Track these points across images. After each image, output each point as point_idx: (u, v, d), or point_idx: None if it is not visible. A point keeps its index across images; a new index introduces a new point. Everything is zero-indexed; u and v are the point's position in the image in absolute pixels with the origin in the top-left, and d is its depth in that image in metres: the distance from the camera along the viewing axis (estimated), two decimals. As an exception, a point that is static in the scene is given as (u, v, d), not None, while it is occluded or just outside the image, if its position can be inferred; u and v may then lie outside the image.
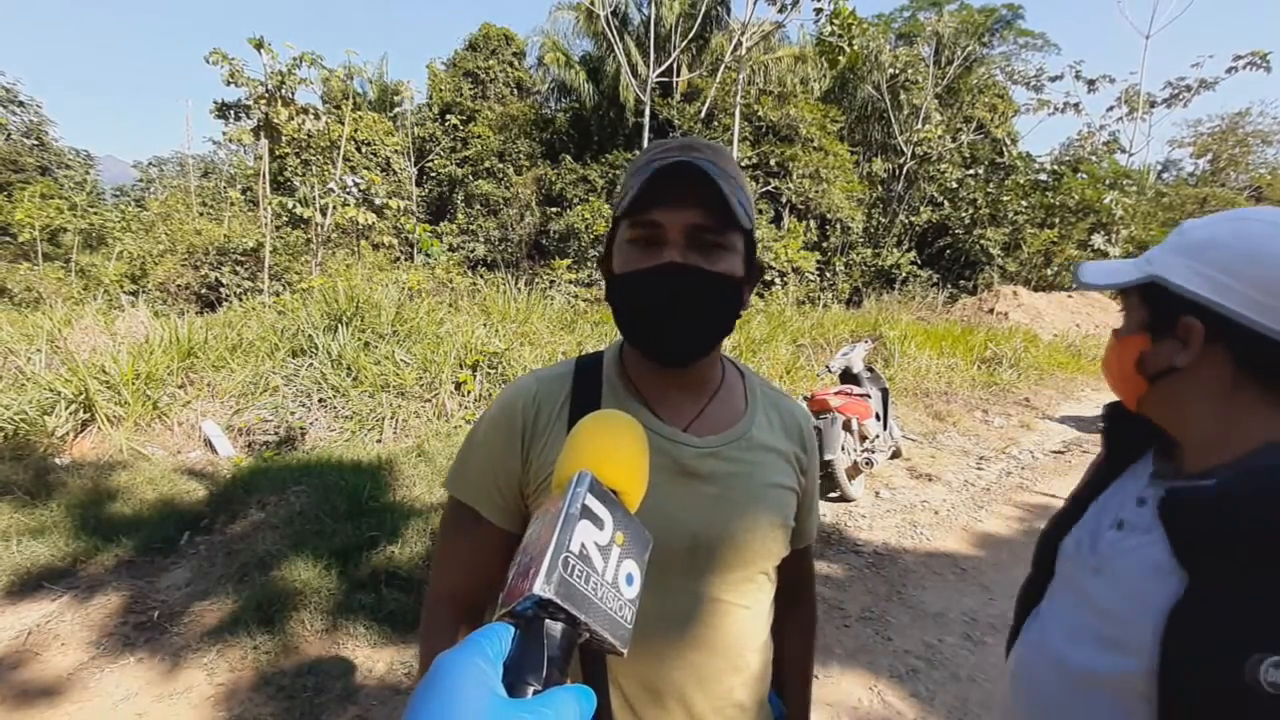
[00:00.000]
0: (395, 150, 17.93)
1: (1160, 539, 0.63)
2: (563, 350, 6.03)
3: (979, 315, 12.70)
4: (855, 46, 12.46)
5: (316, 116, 11.34)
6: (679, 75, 16.96)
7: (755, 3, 12.19)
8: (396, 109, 19.03)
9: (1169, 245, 0.70)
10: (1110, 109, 21.81)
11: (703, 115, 16.25)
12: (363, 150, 17.13)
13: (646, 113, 13.51)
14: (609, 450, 0.48)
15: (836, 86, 18.74)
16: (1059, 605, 0.75)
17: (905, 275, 16.40)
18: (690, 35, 15.14)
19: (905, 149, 18.19)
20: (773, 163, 15.94)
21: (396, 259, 15.09)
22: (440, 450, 4.19)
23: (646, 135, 13.50)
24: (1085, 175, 17.61)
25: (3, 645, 2.38)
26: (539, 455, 0.75)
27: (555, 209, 16.87)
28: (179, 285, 13.38)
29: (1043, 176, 17.89)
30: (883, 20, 21.44)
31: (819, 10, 11.28)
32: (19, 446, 3.81)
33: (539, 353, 5.79)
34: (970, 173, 17.75)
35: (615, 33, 13.62)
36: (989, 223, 16.93)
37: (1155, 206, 19.21)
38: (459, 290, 9.22)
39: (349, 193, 11.56)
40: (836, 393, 4.48)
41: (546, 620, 0.37)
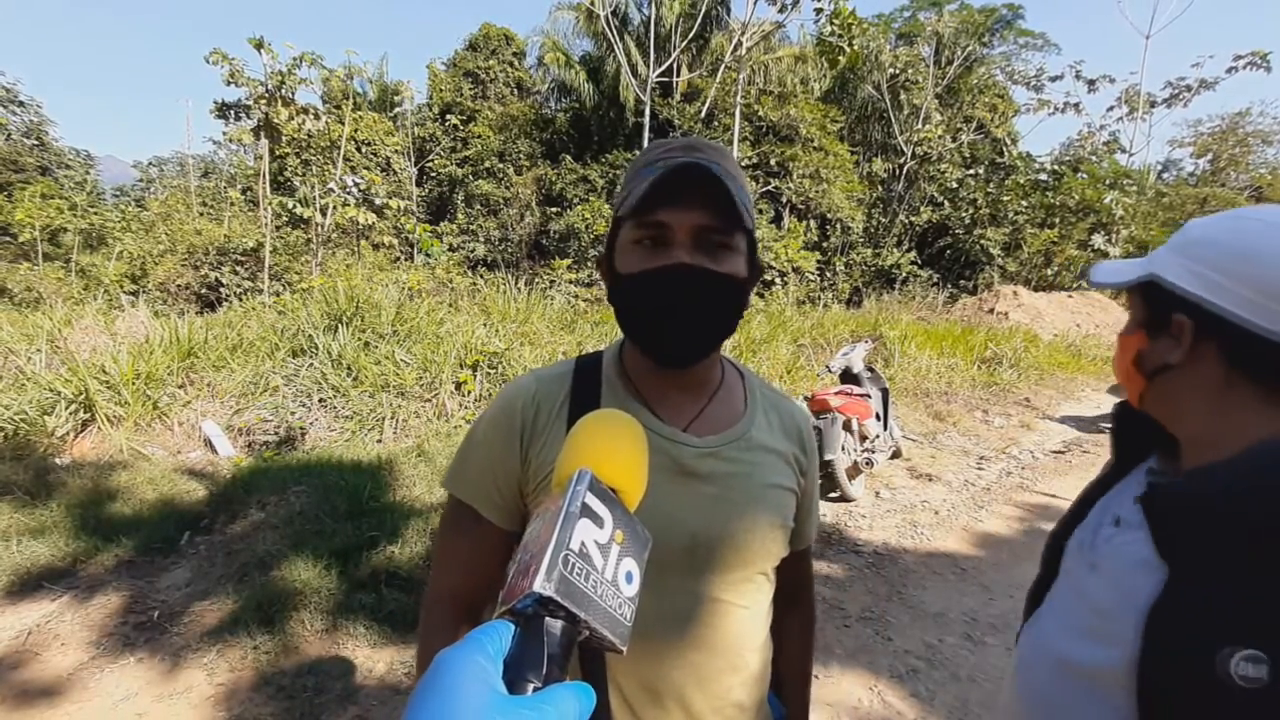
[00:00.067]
0: (395, 150, 17.93)
1: (1147, 534, 0.64)
2: (563, 350, 6.03)
3: (979, 315, 12.70)
4: (855, 46, 12.44)
5: (316, 116, 11.34)
6: (679, 75, 16.96)
7: (755, 3, 12.18)
8: (396, 109, 19.03)
9: (1170, 244, 0.70)
10: (1110, 109, 21.81)
11: (703, 115, 16.25)
12: (363, 150, 17.13)
13: (646, 113, 13.50)
14: (609, 449, 0.48)
15: (836, 86, 18.74)
16: (1059, 602, 0.76)
17: (905, 275, 16.40)
18: (690, 35, 15.13)
19: (905, 149, 18.18)
20: (773, 163, 15.94)
21: (396, 259, 15.10)
22: (440, 450, 4.19)
23: (646, 135, 13.49)
24: (1085, 175, 17.59)
25: (3, 645, 2.38)
26: (538, 454, 0.75)
27: (555, 209, 16.88)
28: (179, 285, 13.38)
29: (1043, 176, 17.88)
30: (883, 20, 21.45)
31: (819, 10, 11.28)
32: (19, 446, 3.82)
33: (539, 353, 5.79)
34: (970, 173, 17.74)
35: (615, 33, 13.62)
36: (989, 223, 16.93)
37: (1155, 206, 19.20)
38: (459, 290, 9.22)
39: (349, 193, 11.56)
40: (837, 393, 4.48)
41: (546, 618, 0.37)
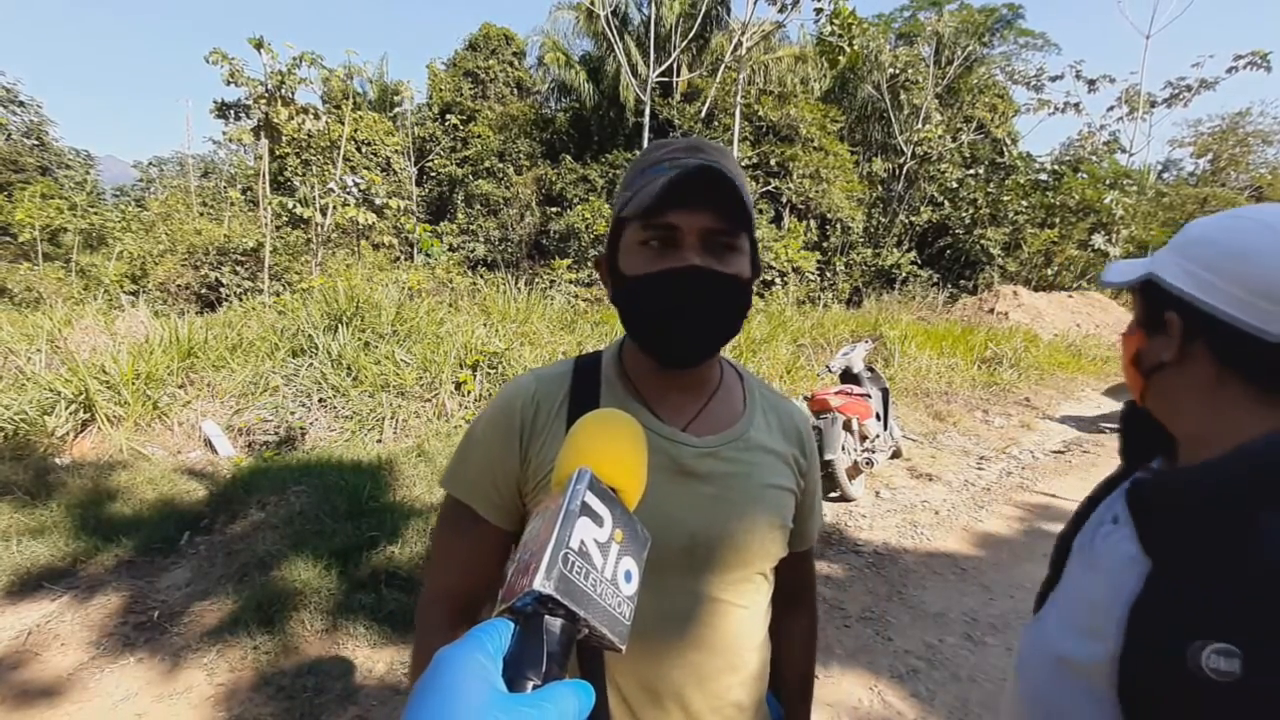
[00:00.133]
0: (395, 150, 17.93)
1: (1134, 530, 0.65)
2: (563, 350, 6.03)
3: (979, 315, 12.70)
4: (855, 46, 12.45)
5: (316, 116, 11.34)
6: (679, 75, 16.96)
7: (755, 2, 12.17)
8: (396, 109, 19.01)
9: (1170, 243, 0.71)
10: (1110, 109, 21.78)
11: (703, 115, 16.24)
12: (363, 150, 17.12)
13: (646, 113, 13.50)
14: (608, 449, 0.48)
15: (836, 86, 18.73)
16: (1059, 601, 0.76)
17: (905, 275, 16.38)
18: (690, 35, 15.13)
19: (905, 149, 18.17)
20: (773, 162, 15.93)
21: (396, 259, 15.09)
22: (440, 450, 4.19)
23: (646, 135, 13.49)
24: (1085, 175, 17.58)
25: (3, 645, 2.38)
26: (537, 454, 0.75)
27: (555, 209, 16.87)
28: (179, 285, 13.38)
29: (1043, 176, 17.87)
30: (883, 20, 21.44)
31: (819, 10, 11.28)
32: (19, 446, 3.82)
33: (539, 353, 5.79)
34: (970, 173, 17.72)
35: (615, 33, 13.62)
36: (989, 223, 16.91)
37: (1155, 206, 19.18)
38: (459, 290, 9.22)
39: (349, 193, 11.56)
40: (837, 392, 4.48)
41: (546, 616, 0.37)
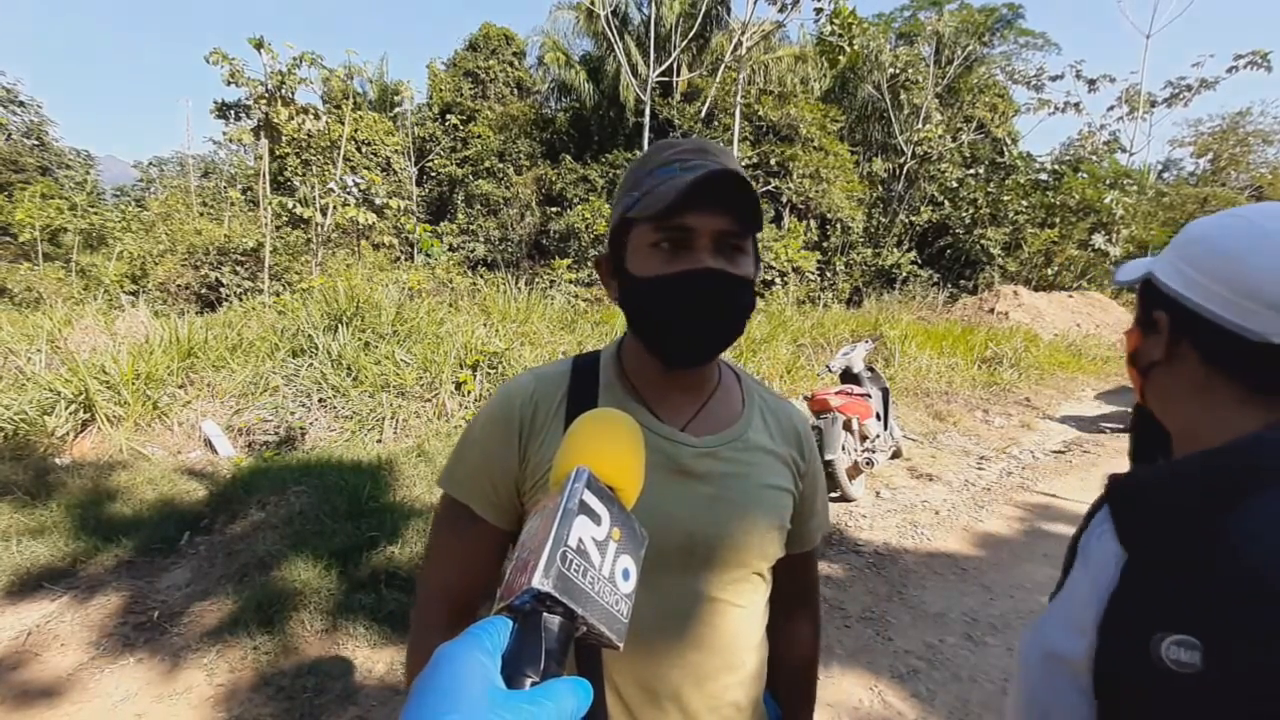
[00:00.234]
0: (395, 150, 17.93)
1: (1114, 525, 0.66)
2: (563, 350, 6.03)
3: (979, 315, 12.70)
4: (855, 46, 12.47)
5: (316, 116, 11.34)
6: (679, 75, 16.96)
7: (755, 2, 12.18)
8: (396, 109, 19.01)
9: (1171, 243, 0.71)
10: (1111, 108, 21.81)
11: (703, 115, 16.24)
12: (363, 150, 17.12)
13: (647, 112, 13.50)
14: (607, 448, 0.48)
15: (836, 86, 18.73)
16: (1058, 599, 0.76)
17: (905, 275, 16.38)
18: (690, 35, 15.13)
19: (905, 149, 18.17)
20: (773, 162, 15.93)
21: (397, 259, 15.09)
22: (440, 450, 4.19)
23: (647, 135, 13.49)
24: (1086, 175, 17.58)
25: (3, 645, 2.38)
26: (536, 453, 0.75)
27: (555, 209, 16.87)
28: (179, 285, 13.38)
29: (1043, 176, 17.88)
30: (883, 20, 21.46)
31: (819, 10, 11.29)
32: (19, 446, 3.82)
33: (539, 353, 5.79)
34: (970, 172, 17.72)
35: (615, 32, 13.62)
36: (989, 222, 16.91)
37: (1156, 206, 19.18)
38: (459, 290, 9.22)
39: (349, 193, 11.56)
40: (837, 392, 4.48)
41: (544, 614, 0.37)
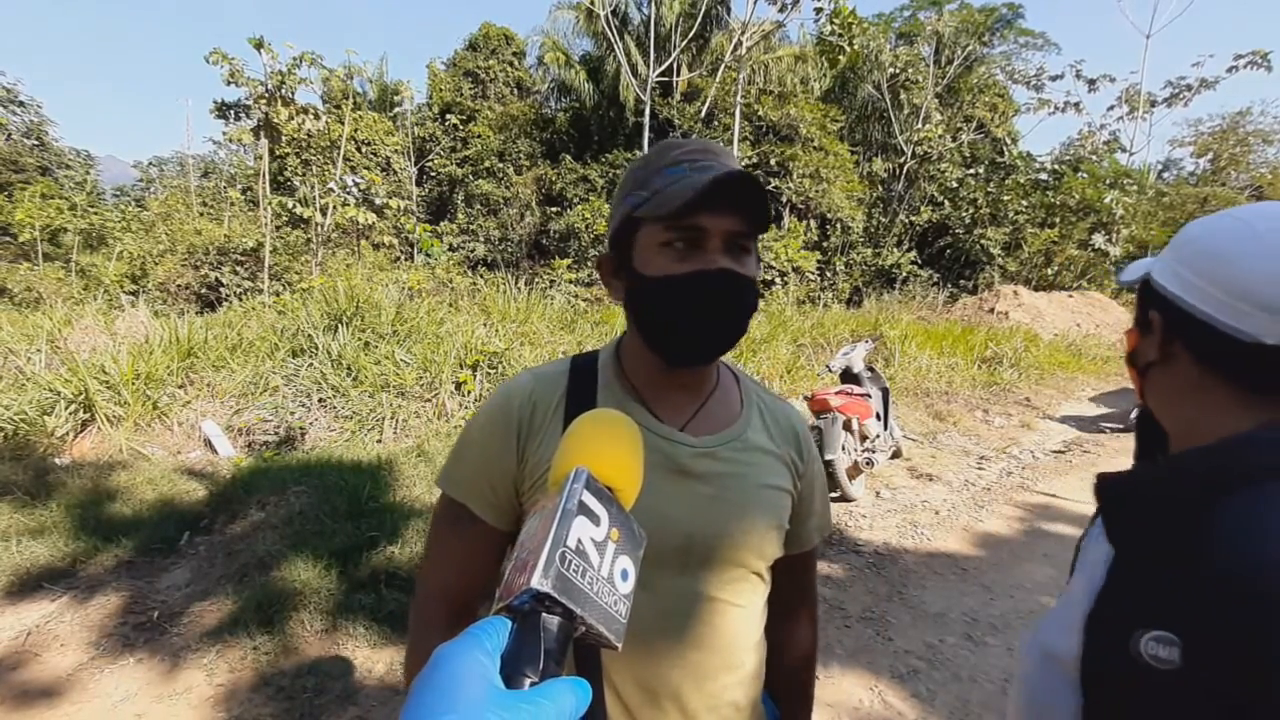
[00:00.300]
0: (395, 150, 17.92)
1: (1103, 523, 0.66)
2: (563, 350, 6.03)
3: (979, 315, 12.69)
4: (855, 46, 12.46)
5: (316, 116, 11.33)
6: (679, 75, 16.95)
7: (755, 2, 12.17)
8: (396, 109, 19.00)
9: (1169, 243, 0.71)
10: (1111, 108, 21.82)
11: (703, 115, 16.24)
12: (363, 150, 17.12)
13: (646, 112, 13.49)
14: (605, 448, 0.48)
15: (836, 86, 18.72)
16: (1061, 598, 0.77)
17: (905, 275, 16.38)
18: (690, 35, 15.13)
19: (905, 148, 18.17)
20: (773, 162, 15.92)
21: (397, 259, 15.08)
22: (440, 450, 4.19)
23: (647, 135, 13.49)
24: (1086, 175, 17.58)
25: (2, 645, 2.38)
26: (534, 453, 0.75)
27: (555, 209, 16.87)
28: (179, 285, 13.38)
29: (1043, 176, 17.87)
30: (883, 20, 21.45)
31: (819, 10, 11.28)
32: (19, 446, 3.82)
33: (539, 353, 5.79)
34: (970, 172, 17.72)
35: (615, 32, 13.61)
36: (989, 222, 16.91)
37: (1156, 206, 19.17)
38: (459, 290, 9.22)
39: (349, 193, 11.56)
40: (837, 392, 4.48)
41: (543, 614, 0.37)
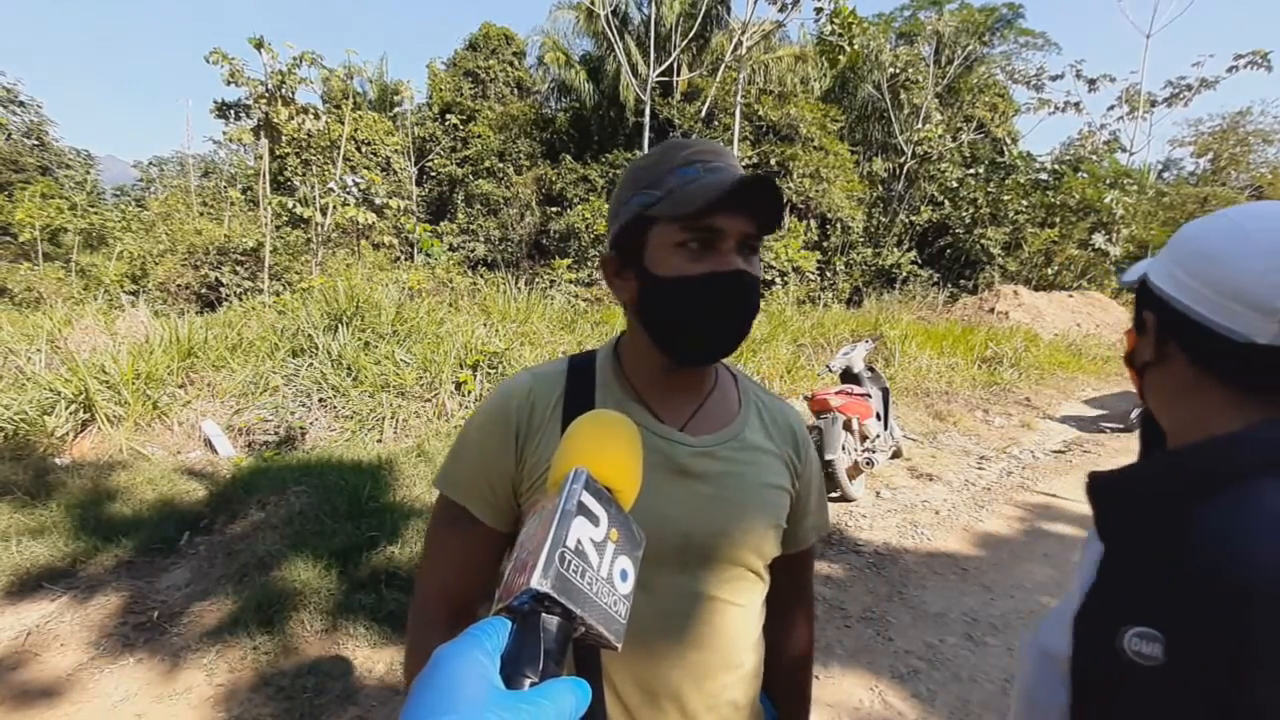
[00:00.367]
0: (395, 150, 17.92)
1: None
2: (563, 350, 6.03)
3: (979, 315, 12.69)
4: (855, 46, 12.44)
5: (316, 116, 11.34)
6: (679, 75, 16.94)
7: (756, 2, 12.16)
8: (396, 109, 19.01)
9: (1166, 244, 0.71)
10: (1111, 108, 21.84)
11: (703, 115, 16.23)
12: (363, 150, 17.12)
13: (647, 112, 13.48)
14: (604, 449, 0.48)
15: (837, 86, 18.71)
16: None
17: (906, 275, 16.38)
18: (690, 35, 15.12)
19: (905, 148, 18.16)
20: (773, 162, 15.92)
21: (397, 259, 15.08)
22: (440, 450, 4.19)
23: (647, 135, 13.48)
24: (1086, 174, 17.58)
25: (2, 645, 2.38)
26: (533, 453, 0.75)
27: (555, 209, 16.86)
28: (179, 285, 13.39)
29: (1043, 176, 17.86)
30: (883, 20, 21.44)
31: (819, 9, 11.28)
32: (19, 446, 3.82)
33: (539, 352, 5.79)
34: (971, 172, 17.71)
35: (615, 32, 13.61)
36: (989, 222, 16.91)
37: (1156, 206, 19.18)
38: (459, 290, 9.22)
39: (349, 192, 11.56)
40: (837, 392, 4.48)
41: (543, 614, 0.37)
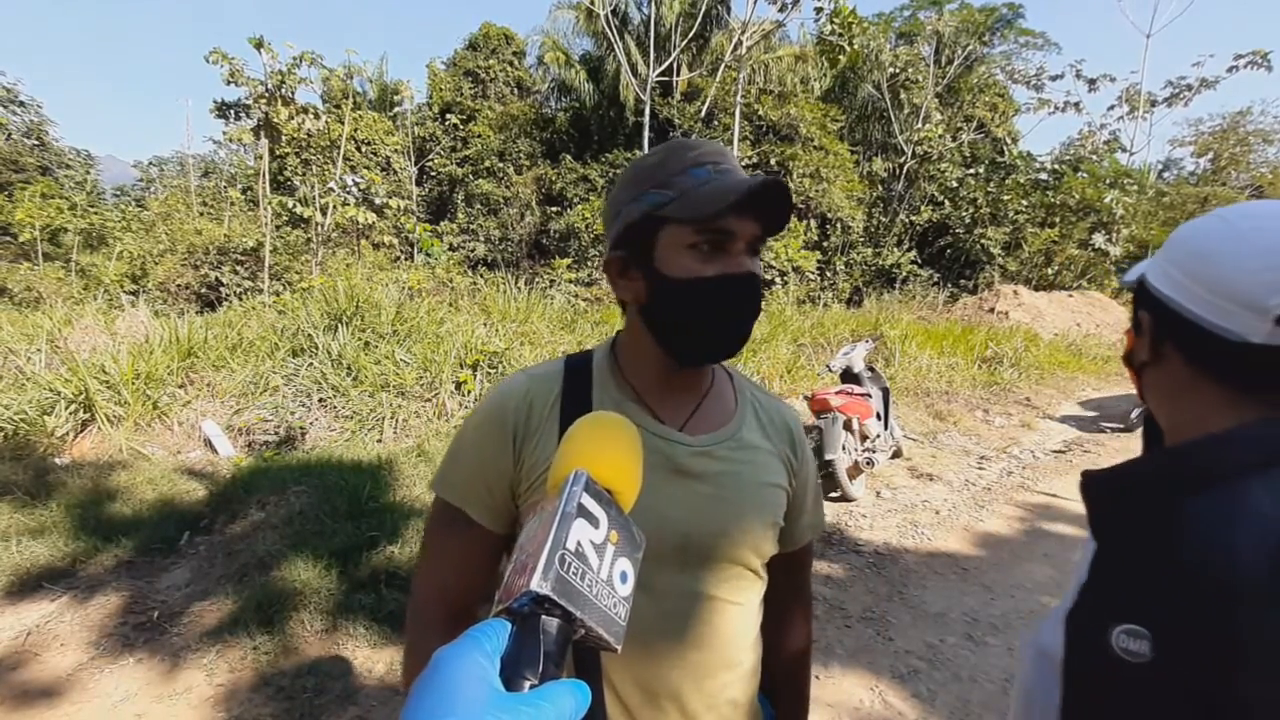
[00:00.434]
0: (395, 150, 17.91)
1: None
2: (563, 349, 6.03)
3: (979, 315, 12.69)
4: (855, 46, 12.45)
5: (316, 116, 11.34)
6: (679, 75, 16.93)
7: (756, 2, 12.15)
8: (396, 108, 19.00)
9: (1164, 244, 0.71)
10: (1111, 108, 21.82)
11: (703, 115, 16.23)
12: (363, 150, 17.11)
13: (646, 112, 13.48)
14: (604, 451, 0.48)
15: (837, 86, 18.70)
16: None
17: (906, 275, 16.37)
18: (690, 34, 15.11)
19: (905, 148, 18.15)
20: (773, 162, 15.91)
21: (397, 258, 15.08)
22: (440, 450, 4.19)
23: (647, 135, 13.48)
24: (1086, 174, 17.58)
25: (2, 645, 2.38)
26: (531, 455, 0.75)
27: (555, 208, 16.86)
28: (179, 285, 13.38)
29: (1043, 176, 17.86)
30: (883, 19, 21.43)
31: (819, 9, 11.28)
32: (19, 446, 3.82)
33: (539, 352, 5.79)
34: (971, 172, 17.70)
35: (615, 32, 13.61)
36: (989, 222, 16.90)
37: (1156, 206, 19.18)
38: (459, 290, 9.22)
39: (349, 192, 11.56)
40: (837, 392, 4.48)
41: (543, 616, 0.37)
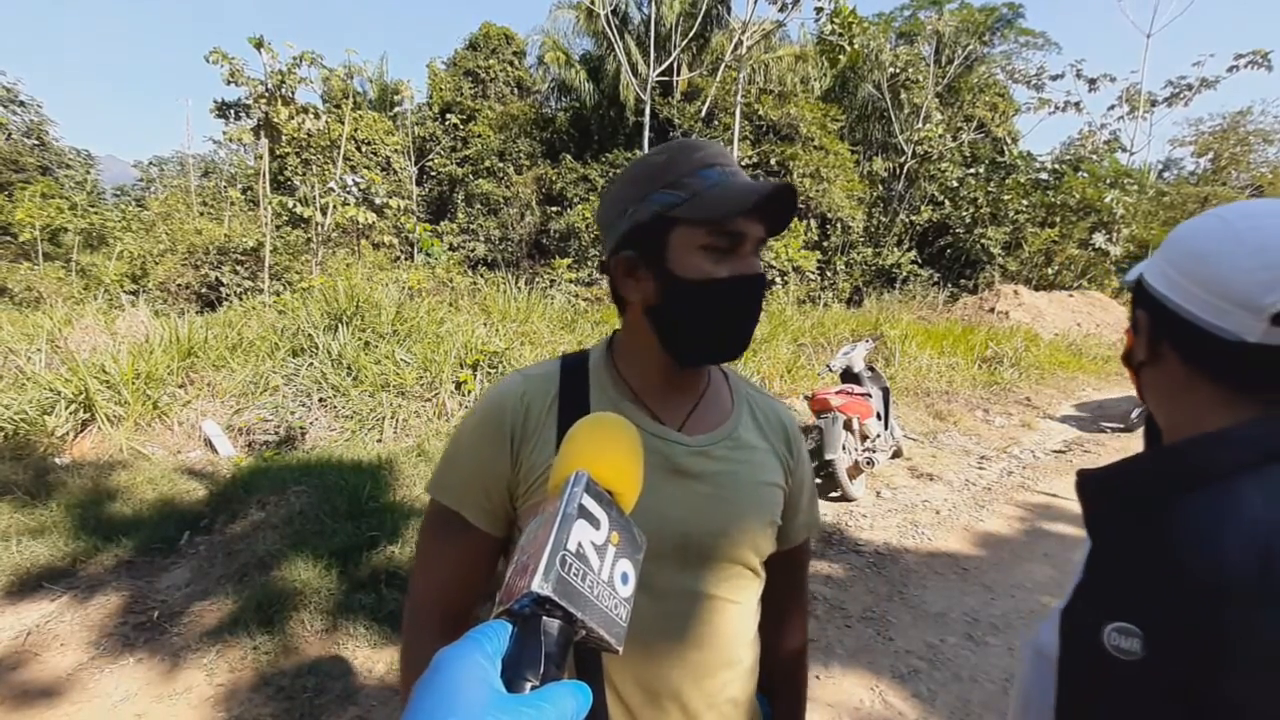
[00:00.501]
0: (395, 150, 17.91)
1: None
2: (563, 349, 6.03)
3: (980, 314, 12.69)
4: (856, 45, 12.46)
5: (316, 116, 11.33)
6: (679, 74, 16.94)
7: (756, 2, 12.16)
8: (396, 108, 19.00)
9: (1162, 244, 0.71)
10: (1111, 108, 21.82)
11: (703, 114, 16.23)
12: (363, 150, 17.11)
13: (647, 112, 13.48)
14: (605, 452, 0.48)
15: (837, 85, 18.71)
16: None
17: (906, 274, 16.38)
18: (690, 34, 15.12)
19: (906, 148, 18.15)
20: (773, 162, 15.91)
21: (397, 258, 15.08)
22: (440, 450, 4.18)
23: (647, 135, 13.48)
24: (1086, 174, 17.59)
25: (2, 645, 2.38)
26: (529, 456, 0.75)
27: (555, 208, 16.86)
28: (179, 285, 13.39)
29: (1043, 175, 17.86)
30: (883, 19, 21.44)
31: (819, 9, 11.29)
32: (19, 446, 3.82)
33: (539, 352, 5.80)
34: (971, 172, 17.70)
35: (615, 32, 13.61)
36: (990, 222, 16.91)
37: (1156, 205, 19.18)
38: (459, 290, 9.22)
39: (349, 192, 11.56)
40: (837, 392, 4.48)
41: (544, 618, 0.37)
